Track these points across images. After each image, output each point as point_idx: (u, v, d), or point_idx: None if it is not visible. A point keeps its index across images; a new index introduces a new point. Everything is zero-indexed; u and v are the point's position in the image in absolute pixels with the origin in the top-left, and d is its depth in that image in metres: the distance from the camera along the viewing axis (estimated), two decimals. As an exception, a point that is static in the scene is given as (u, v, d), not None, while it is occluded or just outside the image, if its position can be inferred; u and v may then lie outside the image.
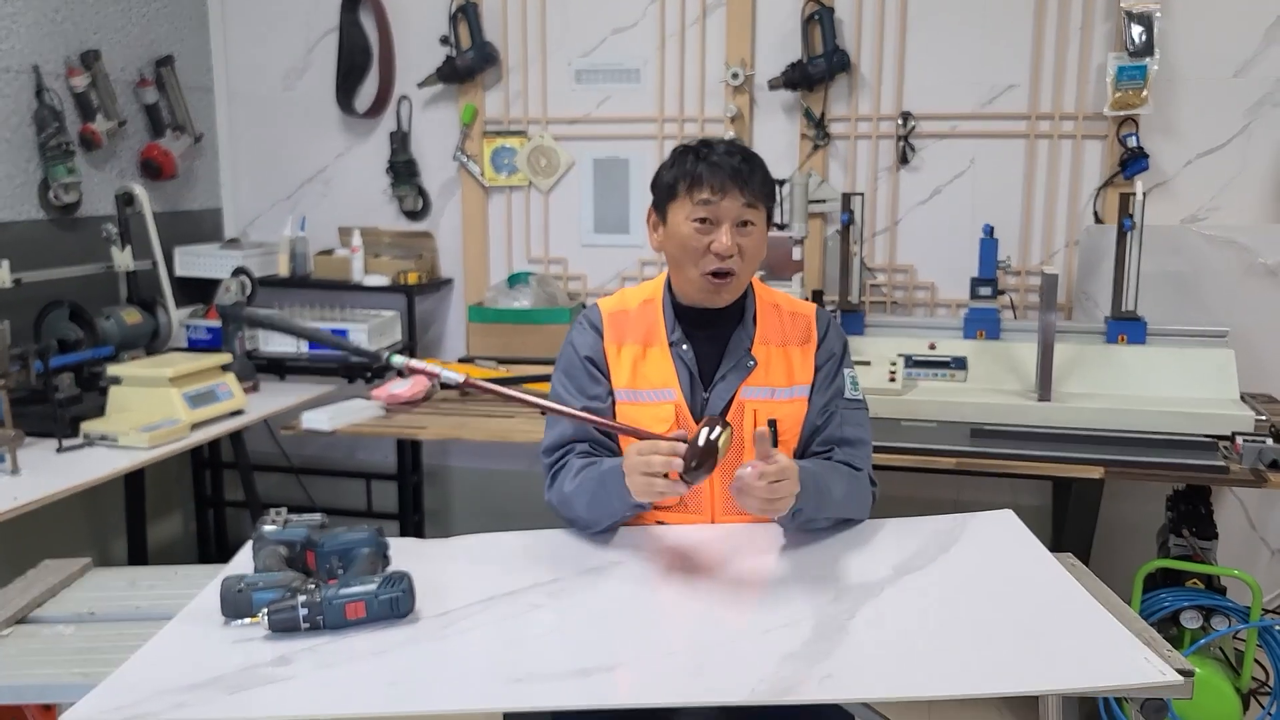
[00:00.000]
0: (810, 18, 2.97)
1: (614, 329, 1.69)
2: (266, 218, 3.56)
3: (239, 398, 2.66)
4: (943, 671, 1.19)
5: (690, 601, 1.40)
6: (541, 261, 3.35)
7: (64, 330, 2.64)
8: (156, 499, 3.27)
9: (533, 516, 1.77)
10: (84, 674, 1.25)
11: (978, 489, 2.98)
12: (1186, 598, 2.28)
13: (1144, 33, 2.72)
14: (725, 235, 1.57)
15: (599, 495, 1.56)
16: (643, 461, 1.42)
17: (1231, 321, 2.54)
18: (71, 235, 2.94)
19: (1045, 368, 2.37)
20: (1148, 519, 2.71)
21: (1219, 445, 2.21)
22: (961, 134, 2.98)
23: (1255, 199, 2.81)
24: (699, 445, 1.37)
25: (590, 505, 1.58)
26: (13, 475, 2.18)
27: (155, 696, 1.15)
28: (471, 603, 1.38)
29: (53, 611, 1.46)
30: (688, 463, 1.37)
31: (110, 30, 3.06)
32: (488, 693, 1.15)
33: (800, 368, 1.68)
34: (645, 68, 3.17)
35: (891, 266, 3.09)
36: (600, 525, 1.61)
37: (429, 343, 3.48)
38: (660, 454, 1.40)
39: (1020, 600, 1.38)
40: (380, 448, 3.49)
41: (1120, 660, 1.20)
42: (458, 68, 3.21)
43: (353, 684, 1.17)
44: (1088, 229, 2.89)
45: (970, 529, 1.62)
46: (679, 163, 1.62)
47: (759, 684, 1.15)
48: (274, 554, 1.41)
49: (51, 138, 2.80)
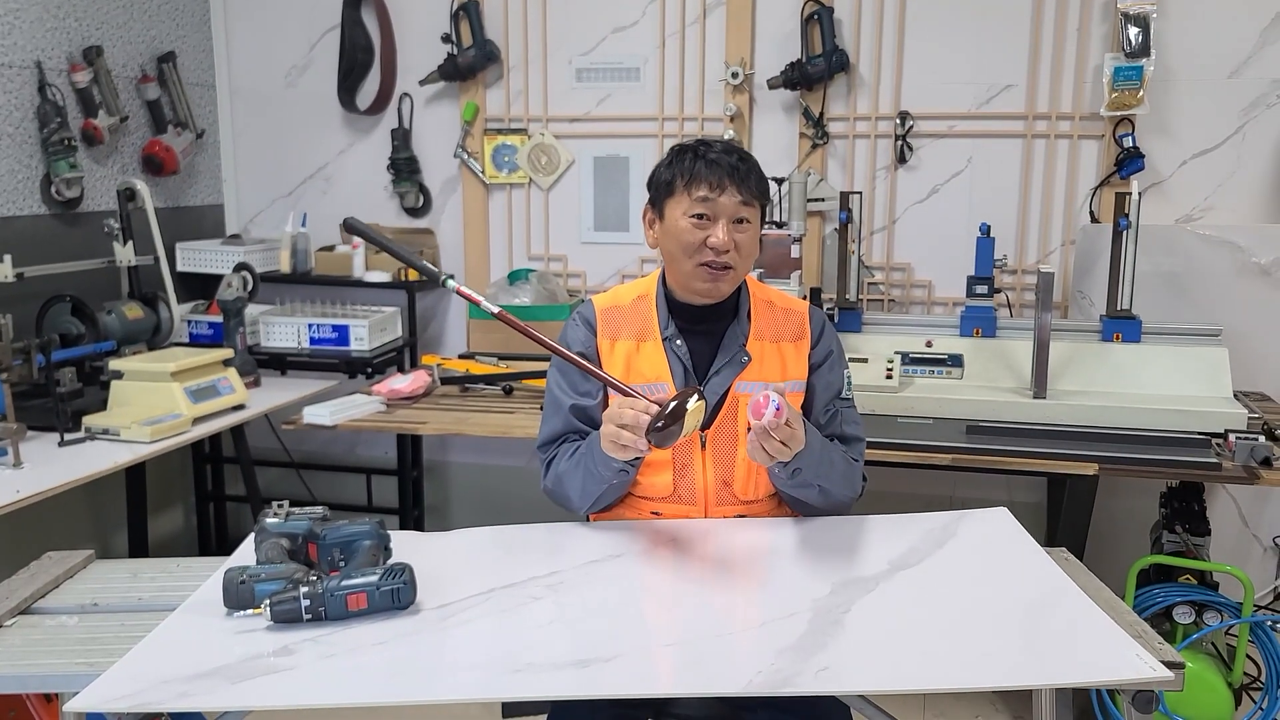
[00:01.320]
0: (810, 18, 2.98)
1: (607, 324, 1.71)
2: (268, 214, 3.58)
3: (240, 393, 2.68)
4: (937, 665, 1.20)
5: (688, 594, 1.42)
6: (542, 259, 3.36)
7: (66, 325, 2.65)
8: (157, 493, 3.28)
9: (531, 511, 1.79)
10: (87, 664, 1.26)
11: (973, 485, 3.00)
12: (1179, 593, 2.30)
13: (1140, 34, 2.73)
14: (722, 230, 1.59)
15: (586, 464, 1.61)
16: (615, 413, 1.47)
17: (1225, 320, 2.56)
18: (74, 230, 2.95)
19: (1041, 365, 2.39)
20: (1141, 515, 2.73)
21: (1212, 442, 2.22)
22: (959, 134, 2.99)
23: (1249, 199, 2.83)
24: (669, 408, 1.40)
25: (579, 476, 1.63)
26: (15, 468, 2.19)
27: (158, 686, 1.16)
28: (472, 594, 1.39)
29: (56, 603, 1.47)
30: (654, 421, 1.40)
31: (113, 26, 3.07)
32: (488, 683, 1.17)
33: (794, 363, 1.70)
34: (645, 66, 3.19)
35: (889, 265, 3.11)
36: (591, 499, 1.64)
37: (429, 339, 3.49)
38: (632, 409, 1.44)
39: (1014, 595, 1.40)
40: (380, 443, 3.51)
41: (1113, 654, 1.21)
42: (459, 66, 3.22)
43: (354, 674, 1.19)
44: (1084, 228, 2.90)
45: (965, 525, 1.63)
46: (677, 160, 1.64)
47: (756, 676, 1.17)
48: (276, 546, 1.42)
49: (54, 133, 2.81)
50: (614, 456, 1.50)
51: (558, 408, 1.70)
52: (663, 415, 1.40)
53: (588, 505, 1.66)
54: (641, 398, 1.46)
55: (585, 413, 1.69)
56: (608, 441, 1.48)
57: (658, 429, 1.40)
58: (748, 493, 1.66)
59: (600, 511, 1.76)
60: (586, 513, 1.70)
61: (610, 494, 1.65)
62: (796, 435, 1.46)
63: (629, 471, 1.59)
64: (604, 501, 1.66)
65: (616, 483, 1.60)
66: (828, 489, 1.61)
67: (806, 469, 1.55)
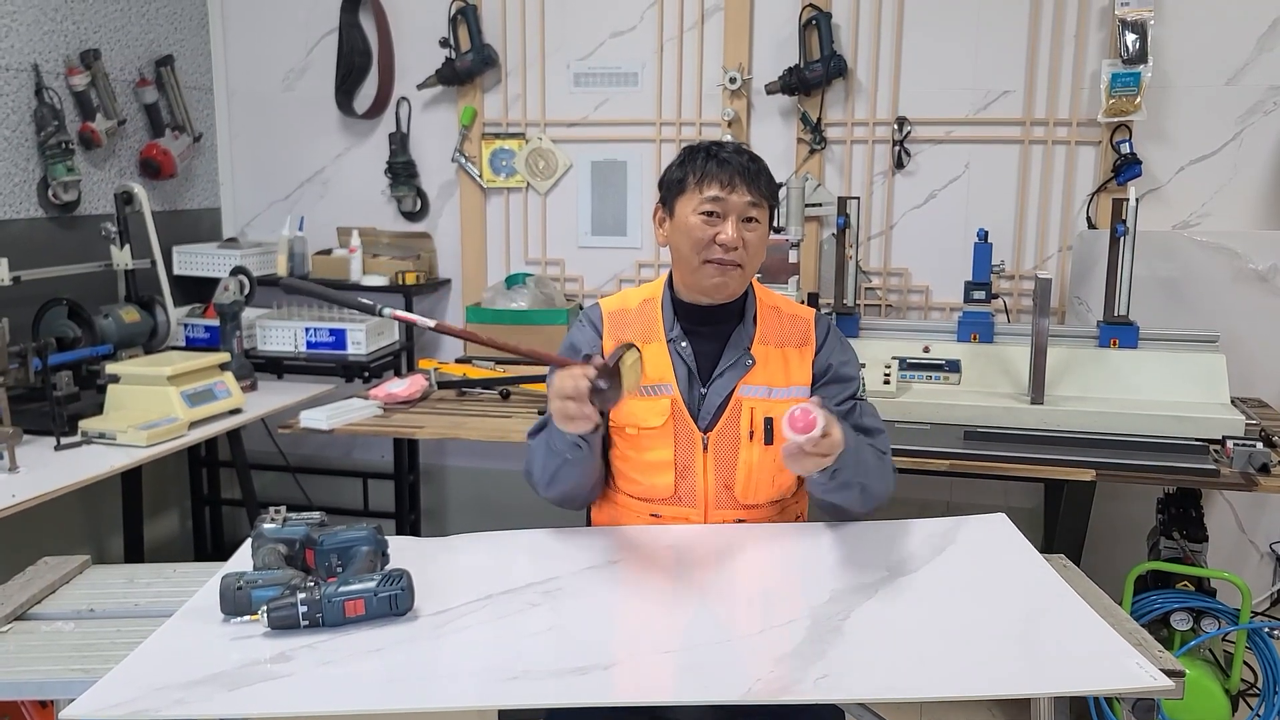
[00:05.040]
0: (808, 23, 2.98)
1: (613, 327, 1.72)
2: (265, 217, 3.57)
3: (237, 396, 2.67)
4: (936, 673, 1.20)
5: (686, 601, 1.42)
6: (539, 263, 3.36)
7: (62, 328, 2.65)
8: (153, 497, 3.28)
9: (528, 516, 1.78)
10: (83, 670, 1.25)
11: (970, 491, 3.00)
12: (1177, 600, 2.30)
13: (1138, 40, 2.74)
14: (731, 227, 1.61)
15: (547, 440, 1.63)
16: (557, 386, 1.48)
17: (1222, 326, 2.56)
18: (71, 234, 2.95)
19: (1038, 371, 2.39)
20: (1139, 521, 2.73)
21: (1209, 449, 2.22)
22: (956, 139, 3.00)
23: (1246, 205, 2.84)
24: (603, 364, 1.41)
25: (541, 453, 1.65)
26: (11, 472, 2.18)
27: (154, 693, 1.15)
28: (469, 601, 1.39)
29: (52, 608, 1.47)
30: (594, 382, 1.41)
31: (110, 29, 3.07)
32: (485, 690, 1.17)
33: (798, 369, 1.70)
34: (643, 71, 3.19)
35: (886, 270, 3.11)
36: (549, 474, 1.65)
37: (426, 343, 3.49)
38: (570, 377, 1.45)
39: (1012, 602, 1.40)
40: (377, 447, 3.50)
41: (1111, 662, 1.21)
42: (457, 70, 3.22)
43: (352, 681, 1.18)
44: (1081, 234, 2.91)
45: (963, 532, 1.63)
46: (689, 159, 1.67)
47: (755, 683, 1.16)
48: (273, 552, 1.42)
49: (51, 136, 2.80)
50: (568, 430, 1.51)
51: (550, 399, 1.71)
52: (602, 375, 1.41)
53: (547, 481, 1.66)
54: (570, 364, 1.47)
55: None
56: (559, 417, 1.49)
57: (600, 390, 1.41)
58: (748, 497, 1.67)
59: (597, 513, 1.76)
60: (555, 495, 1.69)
61: (568, 471, 1.63)
62: (835, 440, 1.44)
63: (582, 446, 1.58)
64: (565, 480, 1.65)
65: (571, 457, 1.60)
66: (867, 485, 1.61)
67: (845, 468, 1.54)
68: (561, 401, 1.46)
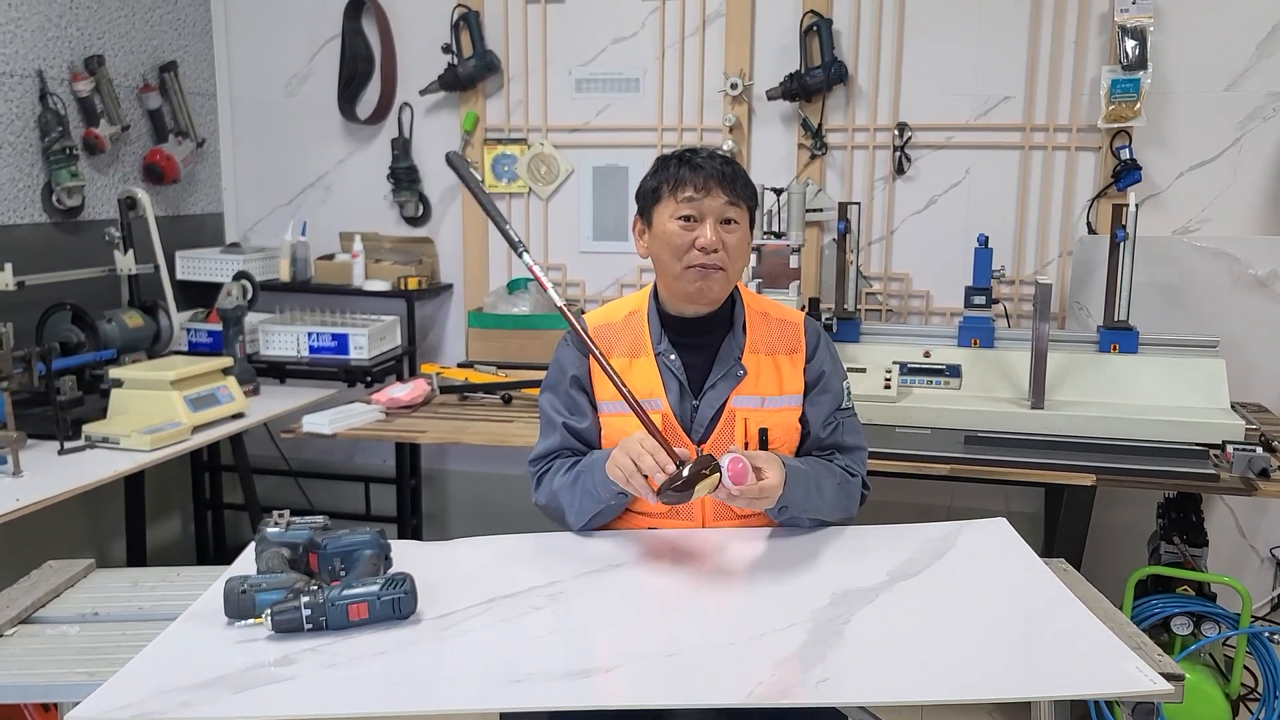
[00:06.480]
0: (809, 29, 2.99)
1: (600, 342, 1.68)
2: (268, 222, 3.58)
3: (239, 401, 2.68)
4: (937, 676, 1.21)
5: (687, 604, 1.42)
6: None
7: (66, 333, 2.65)
8: (156, 501, 3.28)
9: (529, 520, 1.79)
10: (88, 674, 1.26)
11: (971, 495, 3.01)
12: (1177, 604, 2.31)
13: (1137, 47, 2.75)
14: (709, 230, 1.59)
15: (584, 483, 1.61)
16: (636, 450, 1.47)
17: (1222, 331, 2.56)
18: (74, 239, 2.96)
19: (1038, 376, 2.40)
20: (1139, 526, 2.74)
21: (1210, 453, 2.23)
22: (957, 145, 3.01)
23: (1246, 211, 2.84)
24: (683, 476, 1.42)
25: (576, 495, 1.63)
26: (14, 476, 2.19)
27: (159, 696, 1.16)
28: (472, 604, 1.39)
29: (56, 612, 1.47)
30: (667, 482, 1.42)
31: (114, 36, 3.08)
32: (487, 693, 1.17)
33: (790, 377, 1.69)
34: (645, 77, 3.20)
35: (887, 275, 3.12)
36: (585, 517, 1.64)
37: (428, 347, 3.50)
38: (654, 459, 1.45)
39: (1013, 606, 1.40)
40: (379, 451, 3.51)
41: (1111, 666, 1.21)
42: (459, 75, 3.23)
43: (355, 684, 1.19)
44: (1081, 239, 2.91)
45: (964, 536, 1.64)
46: (662, 168, 1.66)
47: (756, 687, 1.17)
48: (277, 555, 1.42)
49: (55, 142, 2.82)
50: (615, 480, 1.51)
51: (553, 426, 1.71)
52: (677, 480, 1.41)
53: (583, 524, 1.65)
54: (661, 447, 1.46)
55: (578, 434, 1.69)
56: (615, 470, 1.49)
57: (671, 489, 1.42)
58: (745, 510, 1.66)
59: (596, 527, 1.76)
60: (585, 531, 1.69)
61: (607, 514, 1.65)
62: (770, 486, 1.48)
63: (627, 495, 1.58)
64: (600, 520, 1.66)
65: (614, 504, 1.61)
66: (820, 518, 1.64)
67: (792, 505, 1.57)
68: (631, 469, 1.46)
